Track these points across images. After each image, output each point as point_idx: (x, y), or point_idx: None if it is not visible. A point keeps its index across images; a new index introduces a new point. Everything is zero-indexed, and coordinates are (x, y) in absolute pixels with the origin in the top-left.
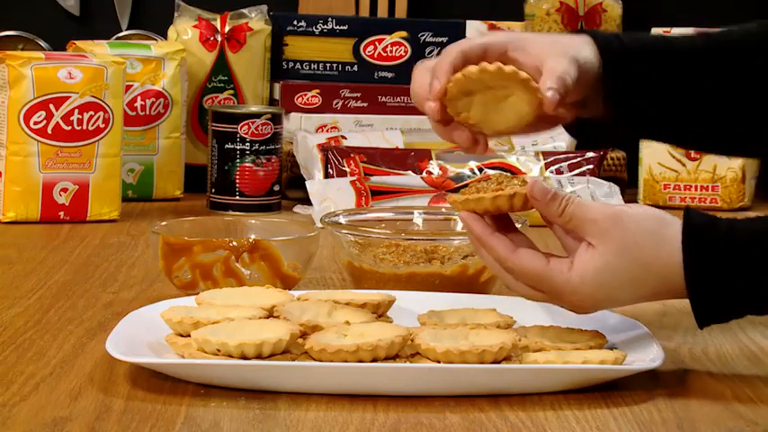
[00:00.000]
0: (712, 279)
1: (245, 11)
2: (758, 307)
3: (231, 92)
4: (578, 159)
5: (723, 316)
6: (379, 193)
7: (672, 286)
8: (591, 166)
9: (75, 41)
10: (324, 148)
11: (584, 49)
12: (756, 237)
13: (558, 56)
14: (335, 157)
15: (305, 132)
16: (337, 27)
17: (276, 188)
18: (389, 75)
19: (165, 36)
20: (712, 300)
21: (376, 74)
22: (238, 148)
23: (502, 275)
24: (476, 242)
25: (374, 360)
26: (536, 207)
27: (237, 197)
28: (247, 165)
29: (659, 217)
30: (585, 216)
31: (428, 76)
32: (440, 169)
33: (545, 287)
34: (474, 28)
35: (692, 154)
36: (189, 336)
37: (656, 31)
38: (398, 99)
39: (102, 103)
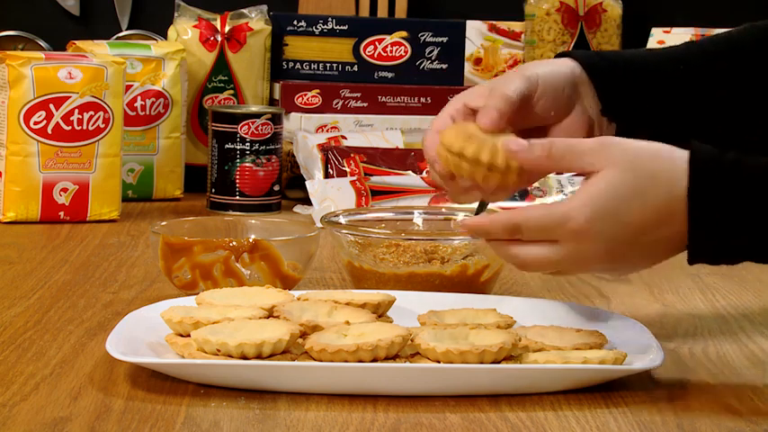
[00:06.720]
0: (717, 195)
1: (245, 11)
2: (757, 239)
3: (231, 92)
4: None
5: (720, 239)
6: (379, 193)
7: (677, 202)
8: None
9: (75, 41)
10: (324, 148)
11: (541, 65)
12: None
13: (505, 79)
14: (335, 157)
15: (305, 132)
16: (337, 27)
17: (276, 188)
18: (389, 75)
19: (165, 36)
20: (713, 217)
21: (376, 74)
22: (238, 148)
23: (514, 253)
24: (482, 234)
25: (374, 360)
26: (521, 161)
27: (237, 197)
28: (247, 165)
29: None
30: (577, 148)
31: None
32: None
33: (555, 229)
34: (474, 28)
35: None
36: (189, 336)
37: (656, 31)
38: (398, 99)
39: (102, 103)
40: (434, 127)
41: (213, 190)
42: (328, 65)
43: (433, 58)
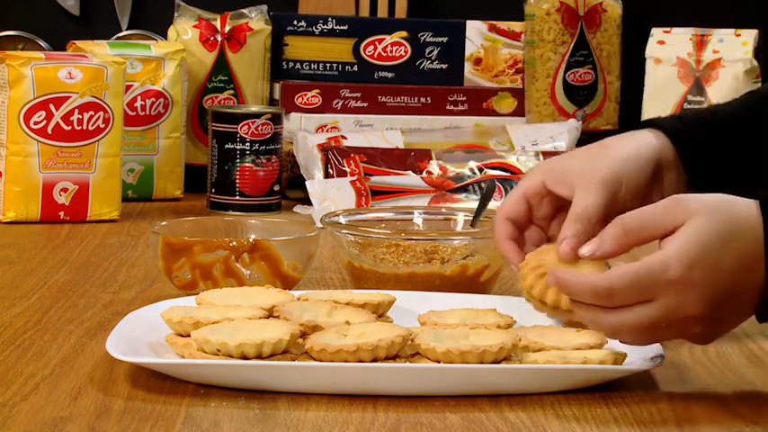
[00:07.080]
0: None
1: (245, 11)
2: None
3: (231, 92)
4: None
5: None
6: (379, 193)
7: (759, 243)
8: None
9: (75, 41)
10: (324, 148)
11: (622, 149)
12: None
13: (586, 186)
14: (335, 157)
15: (305, 132)
16: (337, 27)
17: (276, 188)
18: (389, 75)
19: (165, 36)
20: None
21: (376, 74)
22: (238, 148)
23: (606, 322)
24: (565, 292)
25: (374, 360)
26: (601, 258)
27: (237, 197)
28: (247, 165)
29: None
30: (650, 213)
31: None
32: (440, 169)
33: (653, 282)
34: (474, 28)
35: None
36: (189, 336)
37: (656, 31)
38: (398, 99)
39: (102, 103)
40: (505, 211)
41: (213, 190)
42: (328, 65)
43: (433, 58)
